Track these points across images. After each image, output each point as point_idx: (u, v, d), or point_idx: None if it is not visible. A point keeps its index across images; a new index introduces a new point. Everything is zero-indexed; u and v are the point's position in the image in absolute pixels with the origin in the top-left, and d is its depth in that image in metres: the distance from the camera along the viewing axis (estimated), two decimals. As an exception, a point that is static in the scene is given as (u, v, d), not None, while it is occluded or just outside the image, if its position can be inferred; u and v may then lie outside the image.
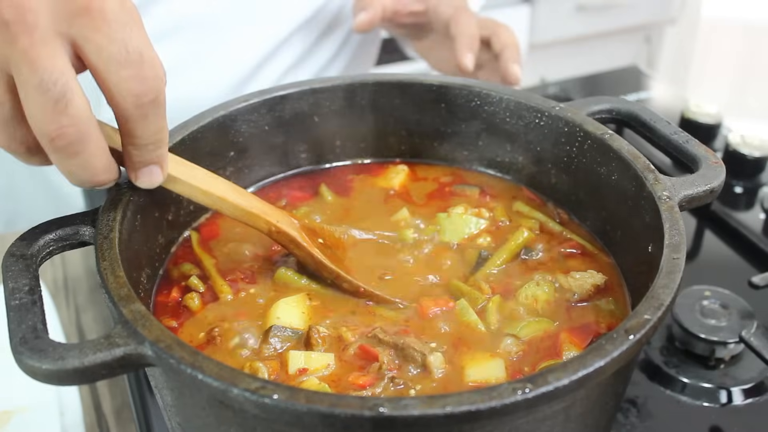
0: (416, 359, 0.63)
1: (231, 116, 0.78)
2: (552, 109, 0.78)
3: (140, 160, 0.60)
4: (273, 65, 1.22)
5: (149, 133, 0.57)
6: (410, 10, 1.15)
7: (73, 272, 1.05)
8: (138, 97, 0.54)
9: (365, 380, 0.61)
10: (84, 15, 0.52)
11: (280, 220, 0.69)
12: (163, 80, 0.56)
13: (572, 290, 0.71)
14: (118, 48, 0.53)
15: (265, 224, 0.69)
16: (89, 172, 0.57)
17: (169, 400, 0.58)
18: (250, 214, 0.68)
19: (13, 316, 0.54)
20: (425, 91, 0.83)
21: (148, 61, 0.54)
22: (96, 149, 0.56)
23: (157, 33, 1.12)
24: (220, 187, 0.67)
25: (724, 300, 0.87)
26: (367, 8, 1.11)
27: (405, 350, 0.63)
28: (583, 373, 0.50)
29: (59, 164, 0.56)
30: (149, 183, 0.62)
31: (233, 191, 0.68)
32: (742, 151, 1.10)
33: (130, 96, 0.54)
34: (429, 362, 0.62)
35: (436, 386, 0.61)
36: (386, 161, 0.89)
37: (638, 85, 1.39)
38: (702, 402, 0.80)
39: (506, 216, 0.81)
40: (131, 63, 0.53)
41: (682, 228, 0.62)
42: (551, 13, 2.60)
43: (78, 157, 0.55)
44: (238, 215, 0.68)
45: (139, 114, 0.55)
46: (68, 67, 0.52)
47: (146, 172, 0.61)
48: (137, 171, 0.61)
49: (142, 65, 0.54)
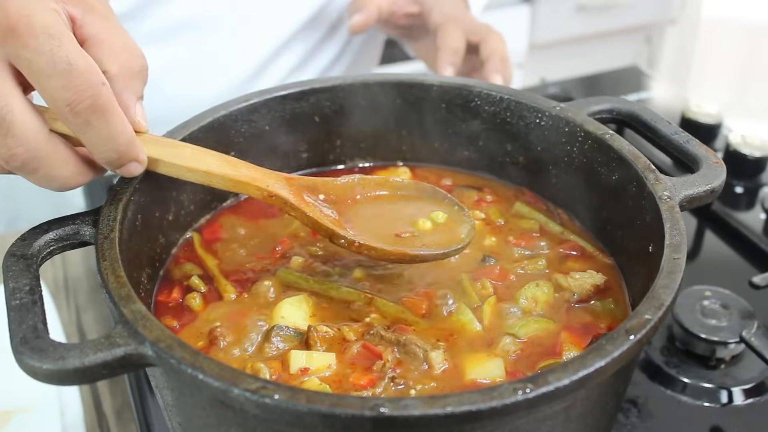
0: (418, 355, 0.63)
1: (231, 116, 0.78)
2: (552, 109, 0.78)
3: (110, 164, 0.60)
4: (276, 66, 1.22)
5: (101, 140, 0.57)
6: (406, 12, 1.15)
7: (73, 272, 1.05)
8: (71, 106, 0.55)
9: (366, 380, 0.61)
10: (12, 34, 0.53)
11: (271, 184, 0.68)
12: (100, 86, 0.56)
13: (572, 290, 0.71)
14: (46, 60, 0.54)
15: (257, 190, 0.68)
16: (58, 182, 0.59)
17: (169, 400, 0.58)
18: (240, 183, 0.67)
19: (13, 316, 0.54)
20: (426, 91, 0.83)
21: (77, 69, 0.54)
22: (55, 161, 0.57)
23: (160, 33, 1.12)
24: (206, 161, 0.66)
25: (725, 300, 0.87)
26: (362, 9, 1.12)
27: (407, 346, 0.63)
28: (584, 373, 0.50)
29: (26, 179, 0.58)
30: (130, 175, 0.63)
31: (220, 163, 0.67)
32: (743, 151, 1.10)
33: (64, 105, 0.55)
34: (431, 358, 0.62)
35: (436, 386, 0.61)
36: (387, 164, 0.89)
37: (639, 85, 1.38)
38: (703, 402, 0.80)
39: (501, 216, 0.81)
40: (59, 73, 0.54)
41: (682, 228, 0.62)
42: (552, 13, 2.59)
43: (39, 172, 0.57)
44: (229, 186, 0.67)
45: (80, 122, 0.56)
46: (8, 89, 0.54)
47: (124, 170, 0.61)
48: (115, 170, 0.61)
49: (70, 74, 0.54)
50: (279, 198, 0.68)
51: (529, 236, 0.78)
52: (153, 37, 1.12)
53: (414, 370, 0.62)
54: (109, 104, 0.56)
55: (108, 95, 0.56)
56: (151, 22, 1.11)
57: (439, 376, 0.62)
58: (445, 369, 0.63)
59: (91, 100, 0.55)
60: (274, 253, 0.76)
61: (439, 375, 0.62)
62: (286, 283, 0.72)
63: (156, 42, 1.13)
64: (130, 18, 1.09)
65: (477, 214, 0.80)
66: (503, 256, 0.76)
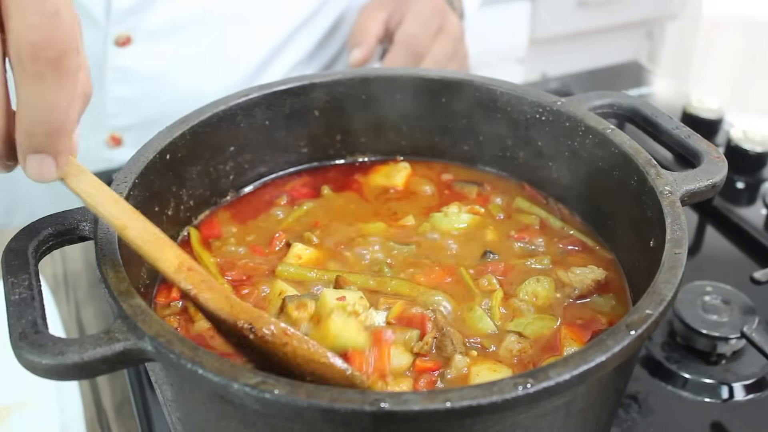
0: (447, 350, 0.63)
1: (231, 111, 0.78)
2: (553, 104, 0.78)
3: (27, 143, 0.52)
4: (279, 62, 1.22)
5: (42, 103, 0.50)
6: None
7: (72, 267, 1.04)
8: (35, 50, 0.48)
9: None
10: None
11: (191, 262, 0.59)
12: (74, 50, 0.49)
13: (573, 285, 0.71)
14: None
15: (176, 257, 0.58)
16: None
17: (169, 395, 0.58)
18: (162, 240, 0.58)
19: (12, 311, 0.54)
20: (426, 85, 0.83)
21: (63, 20, 0.48)
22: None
23: (164, 29, 1.12)
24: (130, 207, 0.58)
25: (726, 295, 0.87)
26: (361, 45, 1.13)
27: (444, 338, 0.64)
28: (585, 368, 0.50)
29: None
30: (37, 175, 0.53)
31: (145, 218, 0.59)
32: (744, 147, 1.10)
33: (27, 44, 0.48)
34: (454, 360, 0.63)
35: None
36: (387, 159, 0.88)
37: (640, 80, 1.38)
38: (703, 398, 0.80)
39: (502, 211, 0.81)
40: (42, 13, 0.48)
41: (683, 223, 0.62)
42: (552, 8, 2.59)
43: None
44: (147, 239, 0.57)
45: (33, 71, 0.48)
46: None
47: (34, 160, 0.52)
48: (24, 157, 0.52)
49: (54, 18, 0.48)
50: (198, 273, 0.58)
51: (529, 231, 0.78)
52: (157, 33, 1.12)
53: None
54: (71, 72, 0.50)
55: (75, 64, 0.50)
56: (155, 18, 1.11)
57: (448, 379, 0.62)
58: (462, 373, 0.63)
59: (58, 55, 0.48)
60: (271, 250, 0.76)
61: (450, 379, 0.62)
62: (284, 278, 0.71)
63: (160, 38, 1.13)
64: (135, 13, 1.09)
65: (477, 209, 0.80)
66: (504, 252, 0.75)
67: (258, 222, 0.80)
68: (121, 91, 1.15)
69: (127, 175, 0.67)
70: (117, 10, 1.08)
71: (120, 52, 1.11)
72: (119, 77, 1.13)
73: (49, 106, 0.50)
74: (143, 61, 1.13)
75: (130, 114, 1.17)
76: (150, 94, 1.16)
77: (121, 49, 1.11)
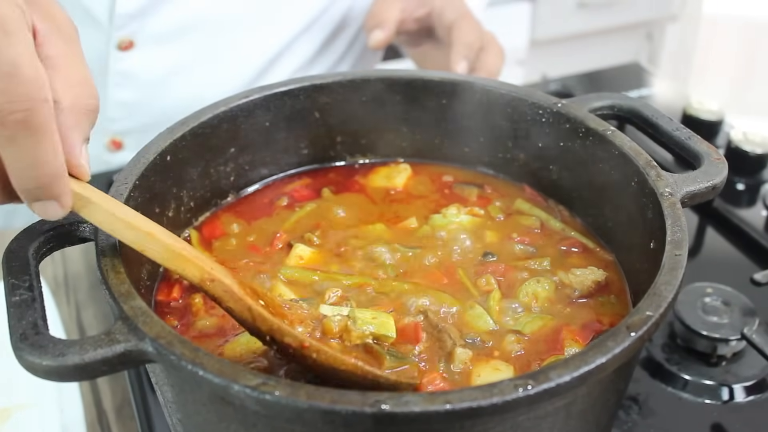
0: (446, 345, 0.63)
1: (231, 112, 0.78)
2: (554, 106, 0.78)
3: (26, 194, 0.52)
4: (281, 66, 1.22)
5: (23, 163, 0.49)
6: (415, 17, 1.15)
7: (73, 269, 1.04)
8: (0, 113, 0.47)
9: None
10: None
11: (215, 268, 0.59)
12: (41, 102, 0.48)
13: (573, 287, 0.71)
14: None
15: (198, 270, 0.58)
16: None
17: (169, 396, 0.58)
18: (181, 257, 0.58)
19: (13, 313, 0.54)
20: (427, 87, 0.83)
21: (22, 75, 0.47)
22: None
23: (167, 33, 1.12)
24: (149, 224, 0.58)
25: (726, 297, 0.87)
26: (382, 25, 1.11)
27: (441, 333, 0.64)
28: (585, 370, 0.50)
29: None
30: (47, 217, 0.53)
31: (164, 231, 0.59)
32: (745, 148, 1.10)
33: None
34: (455, 353, 0.62)
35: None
36: (388, 160, 0.89)
37: (640, 81, 1.38)
38: (704, 399, 0.80)
39: (502, 213, 0.81)
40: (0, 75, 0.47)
41: (684, 224, 0.62)
42: (553, 10, 2.59)
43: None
44: (167, 257, 0.58)
45: (5, 135, 0.48)
46: None
47: (38, 206, 0.52)
48: (30, 203, 0.53)
49: (12, 79, 0.47)
50: (221, 285, 0.58)
51: (530, 233, 0.78)
52: (160, 37, 1.12)
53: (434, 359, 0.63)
54: (44, 126, 0.49)
55: (47, 116, 0.49)
56: (158, 22, 1.11)
57: (458, 370, 0.62)
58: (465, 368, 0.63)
59: (25, 114, 0.47)
60: (273, 249, 0.76)
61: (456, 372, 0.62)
62: (286, 279, 0.71)
63: (163, 42, 1.13)
64: (139, 17, 1.09)
65: (477, 210, 0.80)
66: (504, 253, 0.75)
67: (259, 223, 0.80)
68: (122, 95, 1.15)
69: (127, 176, 0.67)
70: (120, 15, 1.08)
71: (122, 56, 1.11)
72: (121, 81, 1.13)
73: (30, 164, 0.49)
74: (145, 66, 1.13)
75: (131, 118, 1.17)
76: (151, 98, 1.16)
77: (123, 53, 1.11)
